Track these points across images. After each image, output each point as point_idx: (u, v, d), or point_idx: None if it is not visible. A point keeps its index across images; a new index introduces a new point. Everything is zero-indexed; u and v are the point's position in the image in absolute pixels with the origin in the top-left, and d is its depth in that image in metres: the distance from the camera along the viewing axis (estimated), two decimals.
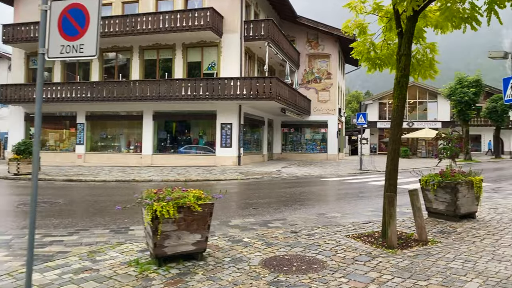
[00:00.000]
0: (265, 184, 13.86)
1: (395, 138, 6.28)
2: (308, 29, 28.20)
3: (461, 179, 7.22)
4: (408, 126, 40.62)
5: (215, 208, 8.64)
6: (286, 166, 20.93)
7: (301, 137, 28.92)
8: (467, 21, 6.08)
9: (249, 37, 21.21)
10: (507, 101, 9.12)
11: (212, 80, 19.88)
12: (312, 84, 28.49)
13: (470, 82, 30.87)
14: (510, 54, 8.89)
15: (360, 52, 8.13)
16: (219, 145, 20.52)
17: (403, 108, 6.37)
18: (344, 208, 8.89)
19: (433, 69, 7.67)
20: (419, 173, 8.03)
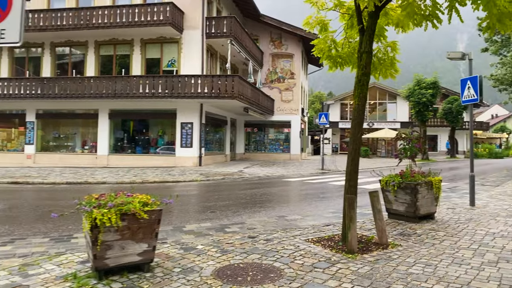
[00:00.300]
0: (225, 185, 13.45)
1: (355, 137, 6.08)
2: (271, 28, 28.03)
3: (421, 180, 7.16)
4: (368, 126, 41.49)
5: (169, 212, 8.22)
6: (248, 167, 20.61)
7: (264, 137, 28.70)
8: (428, 18, 5.96)
9: (211, 34, 20.71)
10: (465, 101, 9.25)
11: (172, 77, 19.21)
12: (276, 83, 28.35)
13: (428, 84, 31.89)
14: (467, 55, 8.96)
15: (321, 50, 7.91)
16: (179, 145, 19.87)
17: (363, 107, 6.17)
18: (305, 210, 8.66)
19: (394, 68, 7.56)
20: (379, 173, 7.92)
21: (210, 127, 22.49)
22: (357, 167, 5.94)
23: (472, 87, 8.90)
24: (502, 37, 25.26)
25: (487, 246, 5.32)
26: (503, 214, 7.67)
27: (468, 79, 9.07)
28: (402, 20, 7.28)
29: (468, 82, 9.03)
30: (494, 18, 5.10)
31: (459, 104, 35.32)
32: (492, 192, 11.26)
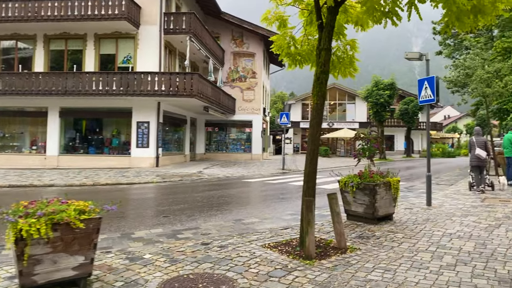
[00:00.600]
0: (182, 187, 12.94)
1: (314, 137, 5.84)
2: (233, 27, 27.65)
3: (379, 181, 7.05)
4: (328, 126, 42.08)
5: (119, 218, 7.66)
6: (208, 167, 20.13)
7: (225, 137, 28.26)
8: (388, 15, 5.82)
9: (169, 30, 20.03)
10: (422, 101, 9.30)
11: (128, 74, 18.39)
12: (237, 82, 28.00)
13: (385, 85, 32.72)
14: (424, 55, 9.01)
15: (280, 46, 7.64)
16: (134, 145, 19.04)
17: (322, 106, 5.95)
18: (263, 212, 8.37)
19: (353, 67, 7.42)
20: (338, 174, 7.77)
21: (169, 127, 21.79)
22: (315, 168, 5.71)
23: (429, 88, 8.97)
24: (455, 41, 26.30)
25: (445, 248, 5.24)
26: (458, 213, 7.73)
27: (425, 80, 9.13)
28: (361, 17, 7.14)
29: (425, 83, 9.09)
30: (453, 16, 5.02)
31: (415, 105, 36.55)
32: (446, 191, 11.48)
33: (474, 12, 4.90)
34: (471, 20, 5.02)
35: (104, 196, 10.59)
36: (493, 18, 5.05)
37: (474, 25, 5.15)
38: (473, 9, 4.89)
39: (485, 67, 15.94)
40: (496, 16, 5.19)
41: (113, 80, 18.18)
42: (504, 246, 5.26)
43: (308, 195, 5.47)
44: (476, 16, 4.95)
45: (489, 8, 4.87)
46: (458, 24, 5.13)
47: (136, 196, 11.07)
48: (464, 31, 5.42)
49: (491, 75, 15.51)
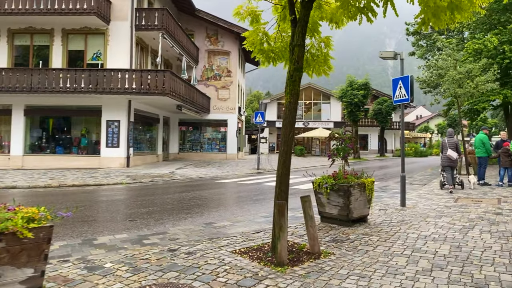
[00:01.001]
0: (153, 188, 12.49)
1: (287, 138, 5.59)
2: (207, 24, 27.19)
3: (354, 182, 6.89)
4: (304, 126, 42.15)
5: (82, 222, 7.19)
6: (181, 167, 19.65)
7: (200, 136, 27.76)
8: (363, 11, 5.64)
9: (141, 27, 19.44)
10: (396, 101, 9.22)
11: (97, 71, 17.70)
12: (212, 81, 27.57)
13: (360, 85, 33.01)
14: (399, 54, 8.93)
15: (252, 43, 7.36)
16: (104, 144, 18.37)
17: (296, 105, 5.70)
18: (236, 215, 8.08)
19: (328, 65, 7.23)
20: (312, 175, 7.57)
21: (140, 126, 21.17)
22: (288, 170, 5.46)
23: (404, 87, 8.89)
24: (427, 42, 26.75)
25: (420, 252, 5.09)
26: (432, 214, 7.66)
27: (400, 79, 9.05)
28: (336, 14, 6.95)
29: (400, 82, 9.01)
30: (429, 12, 4.87)
31: (388, 105, 37.07)
32: (420, 191, 11.50)
33: (450, 9, 4.77)
34: (448, 16, 4.89)
35: (69, 199, 10.06)
36: (470, 15, 4.94)
37: (451, 22, 5.03)
38: (450, 5, 4.76)
39: (457, 68, 16.17)
40: (473, 12, 5.08)
41: (81, 77, 17.47)
42: (479, 249, 5.16)
43: (281, 199, 5.23)
44: (453, 12, 4.82)
45: (466, 5, 4.75)
46: (435, 20, 4.99)
47: (103, 198, 10.56)
48: (441, 28, 5.30)
49: (462, 75, 15.73)
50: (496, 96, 18.53)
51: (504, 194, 10.48)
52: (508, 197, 10.03)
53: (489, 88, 16.02)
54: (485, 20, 20.27)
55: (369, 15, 5.60)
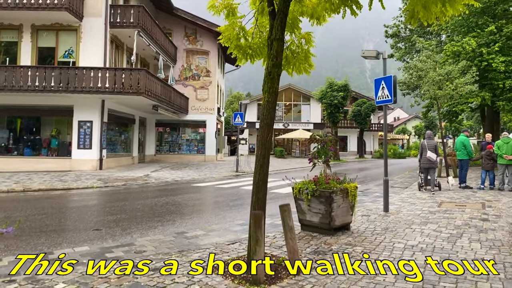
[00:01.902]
0: (124, 193, 11.82)
1: (265, 140, 5.12)
2: (186, 23, 26.51)
3: (336, 187, 6.47)
4: (284, 127, 41.84)
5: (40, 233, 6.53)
6: (157, 170, 18.95)
7: (177, 137, 27.00)
8: (347, 3, 5.23)
9: (115, 24, 18.66)
10: (379, 102, 8.86)
11: (68, 69, 16.85)
12: (190, 81, 26.90)
13: (339, 87, 32.93)
14: (381, 54, 8.58)
15: (228, 38, 6.86)
16: (76, 146, 17.50)
17: (274, 105, 5.24)
18: (210, 222, 7.55)
19: (308, 63, 6.79)
20: (292, 179, 7.13)
21: (115, 126, 20.35)
22: (266, 176, 4.99)
23: (387, 87, 8.55)
24: (406, 45, 26.83)
25: (409, 265, 4.69)
26: (417, 221, 7.33)
27: (382, 79, 8.71)
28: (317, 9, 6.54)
29: (383, 82, 8.67)
30: (419, 3, 4.48)
31: (367, 107, 37.16)
32: (402, 195, 11.22)
33: (442, 0, 4.40)
34: (439, 9, 4.53)
35: (31, 205, 9.33)
36: (463, 7, 4.57)
37: (441, 16, 4.66)
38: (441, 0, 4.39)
39: (436, 70, 16.08)
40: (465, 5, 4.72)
41: (52, 75, 16.57)
42: (470, 261, 4.80)
43: (258, 208, 4.75)
44: (444, 4, 4.45)
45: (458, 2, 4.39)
46: (424, 12, 4.61)
47: (69, 205, 9.86)
48: (430, 22, 4.94)
49: (442, 77, 15.64)
50: (475, 98, 18.59)
51: (487, 198, 10.30)
52: (492, 201, 9.84)
53: (468, 90, 16.01)
54: (463, 22, 20.37)
55: (354, 7, 5.20)
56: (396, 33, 27.01)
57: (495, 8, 19.64)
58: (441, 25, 21.74)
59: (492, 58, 18.26)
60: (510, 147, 11.62)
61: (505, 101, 18.79)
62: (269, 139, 5.17)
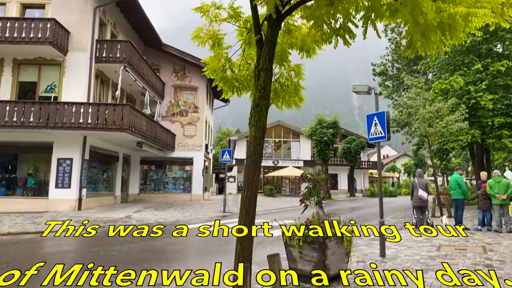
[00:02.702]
0: (101, 237, 10.94)
1: (251, 180, 4.55)
2: (174, 59, 26.43)
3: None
4: (273, 164, 41.32)
5: None
6: (140, 210, 18.02)
7: (163, 176, 26.13)
8: (339, 33, 4.83)
9: (101, 59, 18.35)
10: (372, 139, 8.39)
11: (49, 104, 16.27)
12: (178, 117, 26.47)
13: (329, 124, 32.85)
14: (373, 89, 8.23)
15: (214, 69, 6.42)
16: (53, 185, 16.60)
17: (262, 140, 4.70)
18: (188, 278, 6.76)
19: (298, 96, 6.36)
20: (281, 223, 6.49)
21: (97, 164, 19.55)
22: (252, 221, 4.37)
23: (379, 124, 8.13)
24: (394, 83, 27.05)
25: None
26: (417, 268, 6.67)
27: (375, 115, 8.31)
28: (307, 41, 6.17)
29: (375, 118, 8.26)
30: (418, 32, 4.08)
31: (357, 144, 37.01)
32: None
33: (441, 29, 4.01)
34: (438, 38, 4.14)
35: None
36: (464, 36, 4.20)
37: (441, 45, 4.28)
38: (441, 25, 4.01)
39: (426, 107, 15.93)
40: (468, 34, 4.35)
41: (31, 110, 15.96)
42: None
43: (243, 259, 4.09)
44: (444, 33, 4.07)
45: (460, 24, 4.01)
46: (423, 42, 4.21)
47: (36, 252, 8.96)
48: (428, 53, 4.56)
49: (432, 114, 15.46)
50: (465, 136, 18.42)
51: (486, 241, 9.72)
52: (492, 244, 9.26)
53: (458, 127, 15.82)
54: (449, 61, 20.59)
55: (346, 37, 4.80)
56: (383, 71, 27.30)
57: (480, 48, 19.96)
58: (428, 63, 21.98)
59: (480, 96, 18.30)
60: (503, 186, 11.18)
61: (494, 138, 18.67)
62: (256, 178, 4.60)
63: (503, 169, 42.33)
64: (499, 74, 18.86)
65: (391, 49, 27.42)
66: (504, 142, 18.07)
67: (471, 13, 3.95)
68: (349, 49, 5.22)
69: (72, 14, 17.93)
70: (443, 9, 4.04)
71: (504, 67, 18.25)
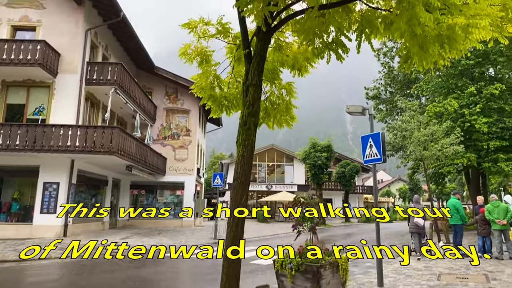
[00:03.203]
0: (84, 265, 10.36)
1: (239, 204, 4.17)
2: (167, 82, 26.27)
3: (325, 260, 5.43)
4: (267, 189, 40.76)
5: None
6: (128, 237, 17.35)
7: (153, 200, 25.45)
8: (332, 47, 4.58)
9: (92, 81, 18.08)
10: (367, 161, 8.06)
11: (36, 127, 15.85)
12: (169, 140, 26.08)
13: (323, 147, 32.57)
14: (367, 109, 7.96)
15: (202, 87, 6.15)
16: (38, 210, 15.97)
17: (250, 160, 4.36)
18: None
19: (290, 115, 6.07)
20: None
21: (85, 188, 18.98)
22: (239, 250, 3.97)
23: (375, 145, 7.83)
24: (387, 106, 27.03)
25: None
26: None
27: (370, 136, 8.01)
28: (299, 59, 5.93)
29: (370, 140, 7.96)
30: (415, 44, 3.84)
31: (351, 168, 36.67)
32: (395, 264, 10.10)
33: (440, 41, 3.77)
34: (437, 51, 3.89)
35: None
36: (464, 49, 3.95)
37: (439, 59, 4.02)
38: (439, 37, 3.77)
39: (421, 130, 15.75)
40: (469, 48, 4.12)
41: (17, 133, 15.51)
42: None
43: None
44: (443, 45, 3.82)
45: (460, 36, 3.77)
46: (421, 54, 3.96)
47: (12, 284, 8.37)
48: (426, 68, 4.30)
49: (427, 137, 15.27)
50: (461, 159, 18.19)
51: (488, 269, 9.29)
52: (494, 272, 8.84)
53: (453, 150, 15.61)
54: (442, 84, 20.60)
55: (339, 51, 4.55)
56: (376, 95, 27.31)
57: (473, 71, 20.02)
58: (421, 86, 21.99)
59: (474, 119, 18.18)
60: (502, 211, 10.84)
61: (490, 162, 18.43)
62: (244, 202, 4.22)
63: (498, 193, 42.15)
64: (492, 98, 18.84)
65: (384, 73, 27.55)
66: (500, 166, 17.83)
67: (471, 25, 3.72)
68: (342, 76, 5.02)
69: (63, 36, 17.77)
70: (441, 21, 3.81)
71: (498, 90, 18.24)
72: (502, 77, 20.24)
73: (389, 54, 27.08)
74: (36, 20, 18.11)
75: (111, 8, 18.38)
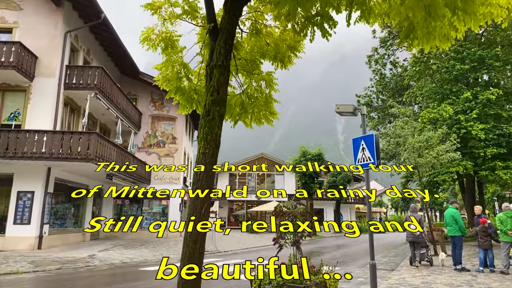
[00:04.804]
0: (53, 281, 9.40)
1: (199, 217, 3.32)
2: (152, 88, 25.36)
3: (312, 280, 4.59)
4: (256, 199, 39.78)
5: None
6: (107, 249, 16.32)
7: (137, 210, 24.38)
8: (315, 21, 3.79)
9: (71, 85, 17.19)
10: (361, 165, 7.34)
11: (9, 132, 14.90)
12: (155, 148, 25.11)
13: (313, 156, 31.74)
14: (359, 110, 7.18)
15: (167, 78, 5.32)
16: (12, 221, 14.94)
17: (214, 159, 3.53)
18: None
19: (270, 110, 5.25)
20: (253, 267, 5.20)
21: (63, 198, 17.93)
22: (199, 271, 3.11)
23: (368, 148, 7.03)
24: (379, 114, 26.42)
25: None
26: None
27: (362, 138, 7.22)
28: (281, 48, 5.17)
29: (362, 142, 7.16)
30: (421, 7, 3.05)
31: (342, 177, 35.87)
32: (390, 280, 9.25)
33: (452, 4, 2.99)
34: (446, 21, 3.12)
35: None
36: (481, 21, 3.18)
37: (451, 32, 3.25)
38: (451, 3, 3.00)
39: (415, 136, 15.05)
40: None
41: None
42: None
43: None
44: (455, 11, 3.04)
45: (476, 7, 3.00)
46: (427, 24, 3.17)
47: None
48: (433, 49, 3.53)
49: (422, 144, 14.56)
50: (456, 167, 17.48)
51: (493, 285, 8.47)
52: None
53: (449, 158, 14.89)
54: (437, 90, 20.00)
55: (325, 26, 3.75)
56: (368, 103, 26.70)
57: (468, 76, 19.46)
58: (414, 92, 21.36)
59: (470, 125, 17.53)
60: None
61: (488, 170, 17.72)
62: (205, 211, 3.37)
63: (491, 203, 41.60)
64: (489, 103, 18.24)
65: (376, 80, 27.00)
66: (498, 174, 17.13)
67: None
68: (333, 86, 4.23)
69: (41, 39, 16.90)
70: None
71: (494, 95, 17.63)
72: (499, 82, 19.70)
73: (380, 61, 26.58)
74: (12, 21, 17.25)
75: (91, 10, 17.58)
